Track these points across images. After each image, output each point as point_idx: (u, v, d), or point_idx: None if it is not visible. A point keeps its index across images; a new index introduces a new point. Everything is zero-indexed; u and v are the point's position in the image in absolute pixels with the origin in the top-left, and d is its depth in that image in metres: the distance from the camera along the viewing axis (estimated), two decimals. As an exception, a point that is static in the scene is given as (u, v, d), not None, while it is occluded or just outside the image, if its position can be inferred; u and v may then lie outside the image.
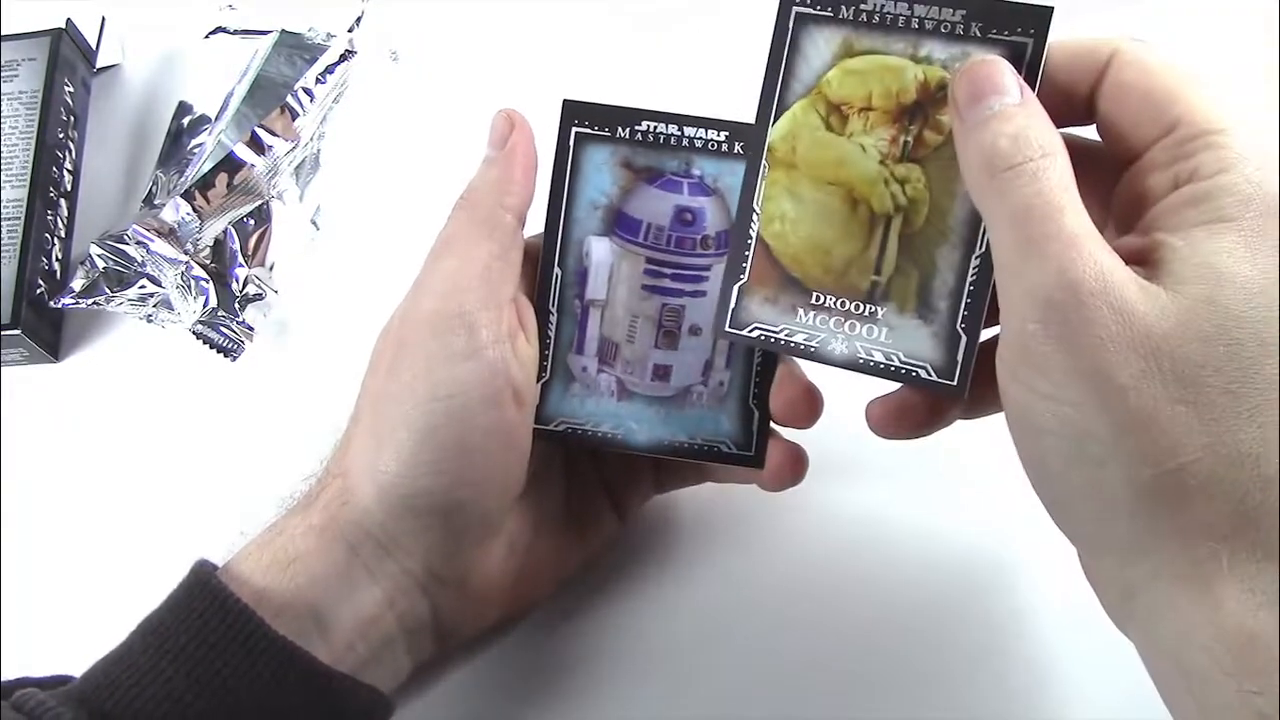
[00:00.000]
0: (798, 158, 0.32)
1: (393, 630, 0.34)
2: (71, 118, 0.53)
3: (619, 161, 0.35)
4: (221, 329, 0.47)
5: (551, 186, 0.36)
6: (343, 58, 0.50)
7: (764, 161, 0.32)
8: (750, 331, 0.33)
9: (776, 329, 0.33)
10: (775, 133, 0.32)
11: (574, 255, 0.36)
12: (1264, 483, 0.24)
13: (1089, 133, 0.30)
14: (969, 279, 0.31)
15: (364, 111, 0.52)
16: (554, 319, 0.36)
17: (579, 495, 0.39)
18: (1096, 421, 0.25)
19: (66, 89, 0.53)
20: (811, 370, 0.35)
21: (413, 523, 0.33)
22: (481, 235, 0.34)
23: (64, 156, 0.52)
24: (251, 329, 0.47)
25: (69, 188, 0.52)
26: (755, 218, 0.32)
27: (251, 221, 0.48)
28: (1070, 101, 0.29)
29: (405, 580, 0.34)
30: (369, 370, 0.35)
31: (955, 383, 0.31)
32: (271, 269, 0.48)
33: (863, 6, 0.31)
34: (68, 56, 0.53)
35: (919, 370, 0.31)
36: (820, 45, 0.31)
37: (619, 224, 0.36)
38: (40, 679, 0.32)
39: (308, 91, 0.48)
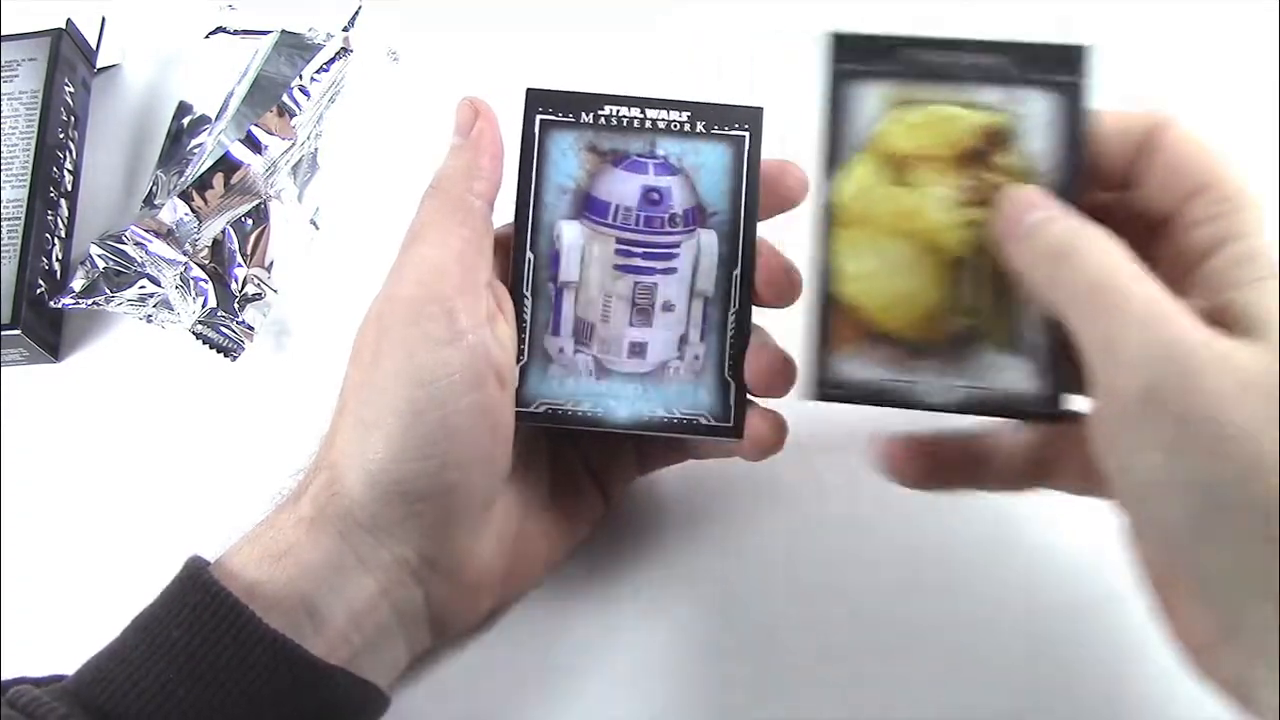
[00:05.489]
0: (871, 214, 0.33)
1: (388, 620, 0.34)
2: (71, 118, 0.53)
3: (584, 146, 0.36)
4: (221, 329, 0.47)
5: (520, 173, 0.36)
6: (338, 55, 0.50)
7: (829, 221, 0.33)
8: (847, 390, 0.33)
9: (870, 383, 0.33)
10: (844, 192, 0.33)
11: (545, 239, 0.36)
12: None
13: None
14: None
15: (362, 111, 0.52)
16: (529, 302, 0.36)
17: (564, 480, 0.39)
18: (1220, 468, 0.26)
19: (66, 89, 0.53)
20: (783, 339, 0.36)
21: (403, 509, 0.33)
22: (454, 222, 0.34)
23: (64, 156, 0.52)
24: (251, 329, 0.47)
25: (69, 188, 0.52)
26: (828, 277, 0.33)
27: (250, 221, 0.48)
28: (1113, 165, 0.31)
29: (398, 569, 0.34)
30: (351, 361, 0.35)
31: (1059, 410, 0.31)
32: (270, 268, 0.48)
33: (904, 55, 0.33)
34: (68, 56, 0.53)
35: (1026, 405, 0.32)
36: (869, 99, 0.33)
37: (588, 206, 0.36)
38: (36, 678, 0.32)
39: (303, 90, 0.48)
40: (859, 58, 0.33)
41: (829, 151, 0.33)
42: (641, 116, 0.36)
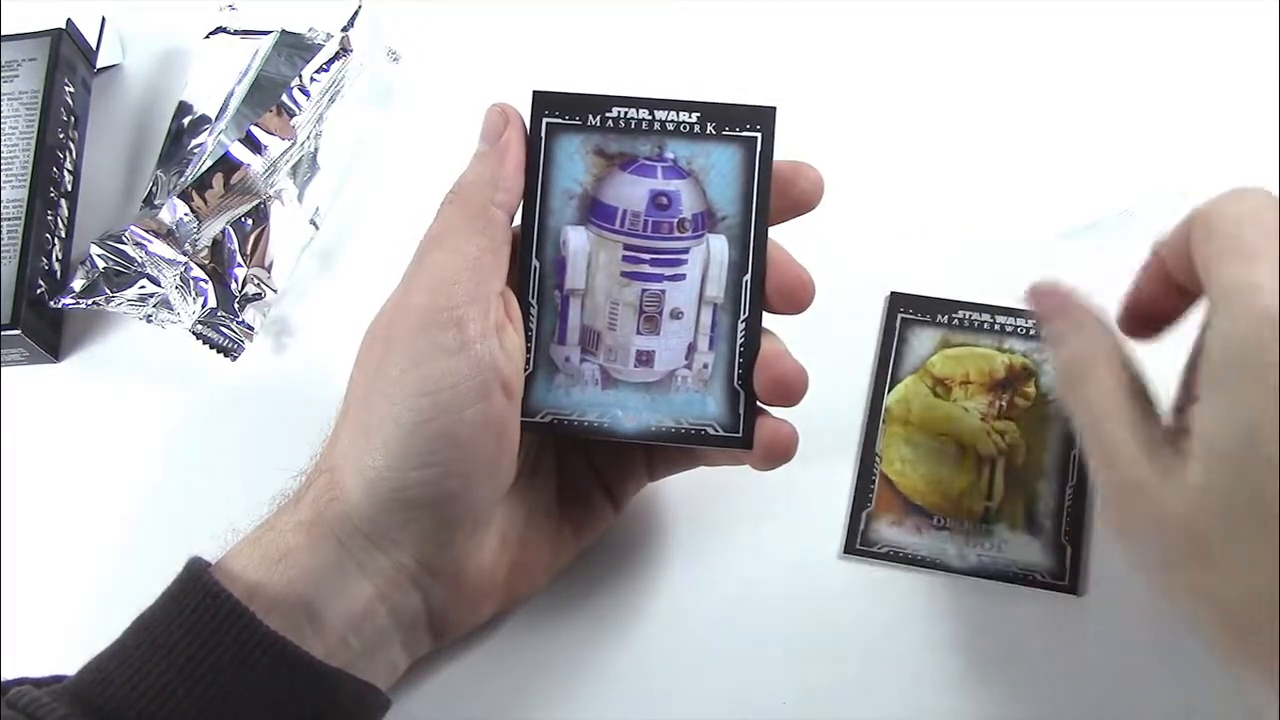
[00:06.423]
0: (912, 416, 0.41)
1: (386, 624, 0.34)
2: (71, 118, 0.53)
3: (591, 149, 0.35)
4: (221, 329, 0.47)
5: (525, 178, 0.36)
6: (338, 55, 0.50)
7: (883, 419, 0.41)
8: (879, 549, 0.40)
9: (903, 546, 0.39)
10: (892, 398, 0.42)
11: (551, 245, 0.36)
12: None
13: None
14: (1066, 502, 0.39)
15: (362, 111, 0.52)
16: (534, 310, 0.36)
17: (572, 486, 0.39)
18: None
19: (66, 89, 0.53)
20: (795, 349, 0.36)
21: (401, 516, 0.33)
22: (472, 230, 0.34)
23: (64, 156, 0.52)
24: (251, 329, 0.47)
25: (69, 188, 0.52)
26: (878, 459, 0.41)
27: (249, 221, 0.48)
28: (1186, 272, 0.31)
29: (396, 574, 0.34)
30: (356, 365, 0.35)
31: (1067, 583, 0.38)
32: (270, 268, 0.48)
33: (955, 316, 0.42)
34: (68, 56, 0.53)
35: (1036, 574, 0.38)
36: (924, 340, 0.42)
37: (594, 212, 0.36)
38: (36, 679, 0.32)
39: (303, 90, 0.48)
40: (917, 308, 0.43)
41: (890, 374, 0.42)
42: (650, 118, 0.35)
